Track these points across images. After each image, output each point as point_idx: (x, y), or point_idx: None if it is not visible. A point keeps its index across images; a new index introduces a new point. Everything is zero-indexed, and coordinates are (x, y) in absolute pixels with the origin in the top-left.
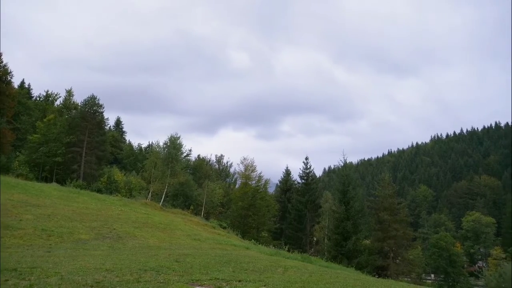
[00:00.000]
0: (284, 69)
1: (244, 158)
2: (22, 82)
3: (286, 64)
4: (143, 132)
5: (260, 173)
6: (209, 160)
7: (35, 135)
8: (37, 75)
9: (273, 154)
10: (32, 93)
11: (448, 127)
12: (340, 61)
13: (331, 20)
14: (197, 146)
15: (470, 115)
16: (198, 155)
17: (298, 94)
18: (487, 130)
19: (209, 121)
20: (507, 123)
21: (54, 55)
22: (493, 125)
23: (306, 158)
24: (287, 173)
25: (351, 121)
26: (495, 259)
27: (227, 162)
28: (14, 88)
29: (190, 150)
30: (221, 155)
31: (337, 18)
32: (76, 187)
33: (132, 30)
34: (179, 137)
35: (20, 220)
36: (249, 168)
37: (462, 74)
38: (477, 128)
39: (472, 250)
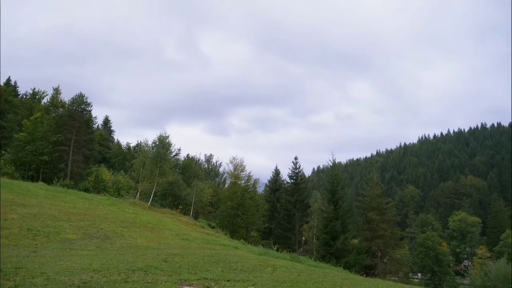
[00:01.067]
0: (219, 59)
1: (234, 158)
2: (8, 80)
3: (219, 53)
4: None
5: (250, 172)
6: (198, 160)
7: (21, 134)
8: None
9: (232, 150)
10: (19, 90)
11: (409, 119)
12: (273, 50)
13: (255, 9)
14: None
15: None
16: (187, 155)
17: (244, 86)
18: (473, 131)
19: (154, 115)
20: (493, 124)
21: None
22: (479, 126)
23: (296, 158)
24: (276, 173)
25: (312, 115)
26: (480, 258)
27: (217, 162)
28: (0, 85)
29: (179, 150)
30: (210, 154)
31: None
32: (63, 186)
33: (38, 19)
34: (168, 136)
35: (5, 219)
36: (238, 167)
37: (412, 66)
38: (464, 129)
39: (458, 250)
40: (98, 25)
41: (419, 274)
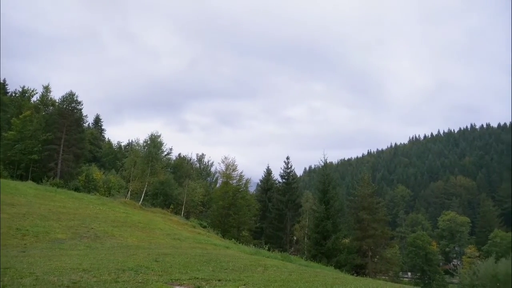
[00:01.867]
0: (168, 52)
1: (225, 157)
2: None
3: (167, 47)
4: None
5: (241, 172)
6: (190, 159)
7: (10, 132)
8: None
9: (197, 145)
10: (8, 88)
11: (380, 113)
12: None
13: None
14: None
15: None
16: (179, 154)
17: (200, 82)
18: (463, 132)
19: (103, 110)
20: (482, 125)
21: None
22: (469, 127)
23: (287, 158)
24: (268, 172)
25: (282, 111)
26: (469, 257)
27: (208, 161)
28: None
29: (171, 149)
30: (202, 154)
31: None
32: (52, 186)
33: None
34: (159, 136)
35: None
36: (230, 167)
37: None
38: (454, 130)
39: (447, 249)
40: (24, 14)
41: (409, 273)
